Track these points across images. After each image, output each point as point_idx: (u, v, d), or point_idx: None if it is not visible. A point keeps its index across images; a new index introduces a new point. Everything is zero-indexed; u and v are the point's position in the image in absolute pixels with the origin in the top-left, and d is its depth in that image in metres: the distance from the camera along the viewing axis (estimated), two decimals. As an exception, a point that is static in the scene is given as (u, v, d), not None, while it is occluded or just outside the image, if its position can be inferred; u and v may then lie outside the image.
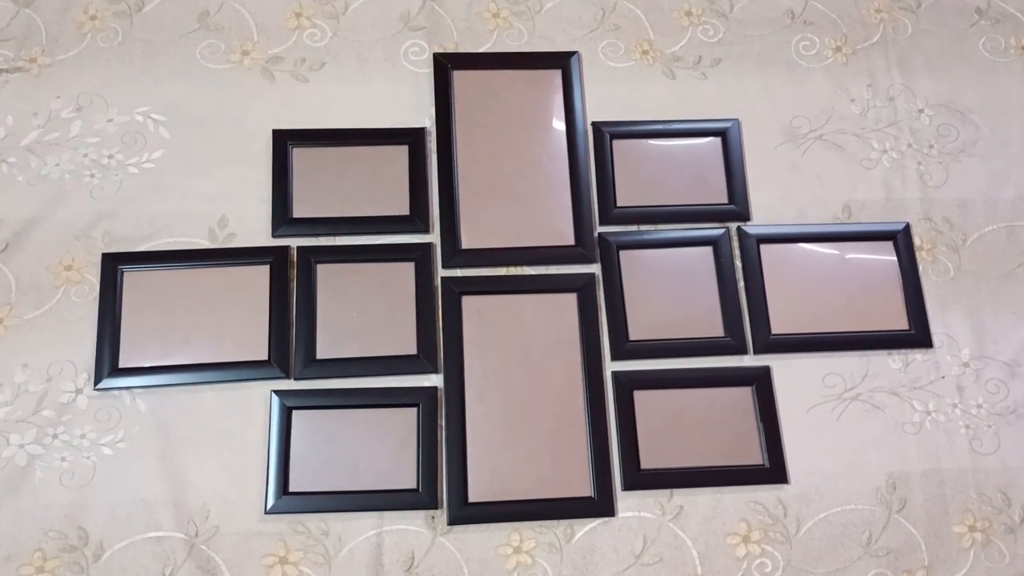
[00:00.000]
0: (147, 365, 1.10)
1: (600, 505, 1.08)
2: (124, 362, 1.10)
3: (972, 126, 1.31)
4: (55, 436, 1.07)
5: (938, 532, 1.10)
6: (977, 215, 1.26)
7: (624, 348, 1.15)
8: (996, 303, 1.21)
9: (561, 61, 1.28)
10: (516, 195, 1.21)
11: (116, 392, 1.09)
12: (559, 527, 1.08)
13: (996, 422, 1.16)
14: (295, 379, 1.11)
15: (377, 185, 1.20)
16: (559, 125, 1.25)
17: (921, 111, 1.31)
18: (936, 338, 1.19)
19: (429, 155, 1.23)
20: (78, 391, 1.09)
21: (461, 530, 1.07)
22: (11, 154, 1.18)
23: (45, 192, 1.17)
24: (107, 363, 1.09)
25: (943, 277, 1.22)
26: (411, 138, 1.22)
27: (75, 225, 1.16)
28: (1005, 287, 1.22)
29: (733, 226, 1.22)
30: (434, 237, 1.19)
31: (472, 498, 1.07)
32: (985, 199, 1.27)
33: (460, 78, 1.26)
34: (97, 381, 1.08)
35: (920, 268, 1.22)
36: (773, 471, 1.11)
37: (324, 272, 1.16)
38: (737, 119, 1.27)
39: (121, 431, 1.08)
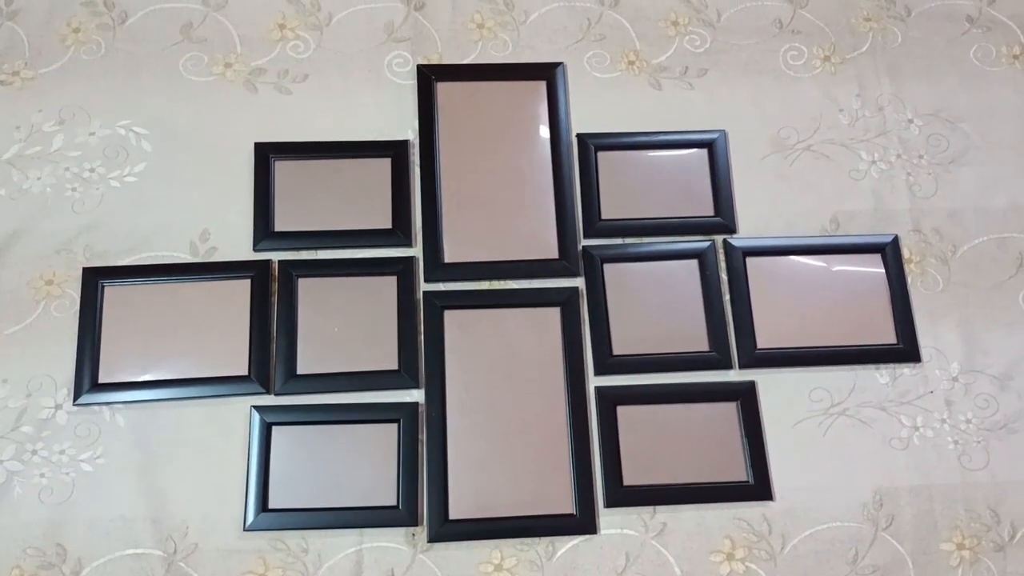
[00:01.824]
0: (127, 380, 1.09)
1: (582, 522, 1.07)
2: (104, 377, 1.09)
3: (963, 135, 1.29)
4: (34, 452, 1.07)
5: (926, 549, 1.09)
6: (967, 226, 1.24)
7: (608, 363, 1.14)
8: (986, 316, 1.20)
9: (546, 72, 1.27)
10: (499, 208, 1.20)
11: (96, 407, 1.09)
12: (541, 544, 1.07)
13: (986, 437, 1.14)
14: (275, 394, 1.10)
15: (359, 198, 1.19)
16: (544, 136, 1.24)
17: (911, 121, 1.29)
18: (925, 352, 1.17)
19: (412, 168, 1.22)
20: (57, 407, 1.09)
21: (442, 547, 1.06)
22: (-7, 168, 1.18)
23: (27, 206, 1.17)
24: (87, 378, 1.09)
25: (932, 290, 1.21)
26: (394, 151, 1.21)
27: (56, 239, 1.16)
28: (995, 299, 1.21)
29: (719, 239, 1.21)
30: (416, 251, 1.18)
31: (453, 515, 1.06)
32: (976, 209, 1.25)
33: (444, 89, 1.25)
34: (76, 396, 1.08)
35: (909, 281, 1.20)
36: (758, 487, 1.10)
37: (305, 286, 1.15)
38: (724, 130, 1.26)
39: (100, 447, 1.07)
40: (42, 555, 1.03)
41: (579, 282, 1.18)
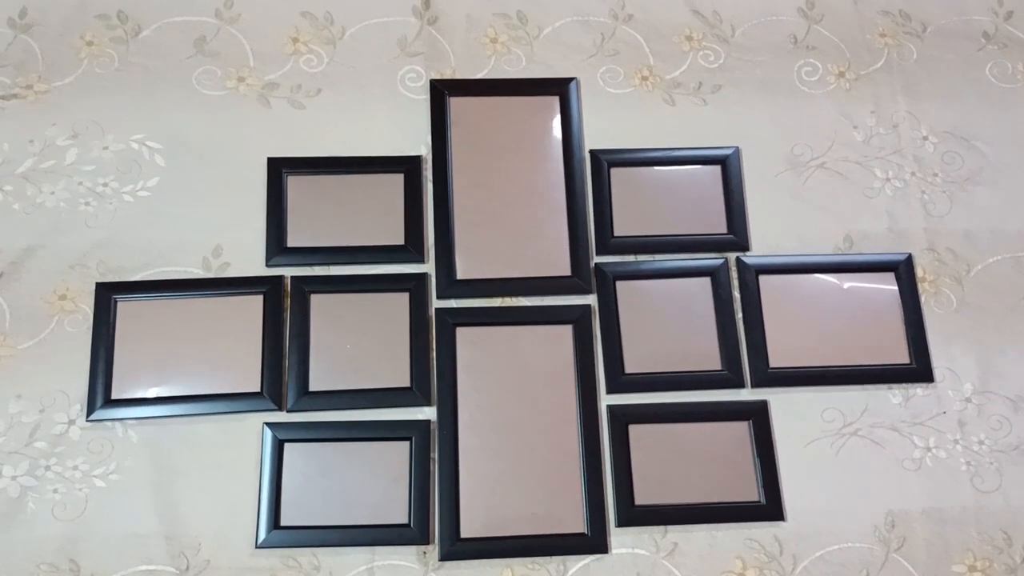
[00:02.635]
0: (140, 396, 1.10)
1: (593, 541, 1.07)
2: (117, 393, 1.10)
3: (978, 154, 1.28)
4: (48, 467, 1.07)
5: (937, 571, 1.09)
6: (982, 245, 1.24)
7: (620, 381, 1.14)
8: (1001, 336, 1.19)
9: (559, 87, 1.27)
10: (512, 224, 1.20)
11: (109, 423, 1.09)
12: (552, 563, 1.07)
13: (999, 459, 1.14)
14: (287, 411, 1.10)
15: (372, 214, 1.19)
16: (557, 152, 1.24)
17: (926, 138, 1.29)
18: (938, 372, 1.17)
19: (425, 183, 1.22)
20: (71, 422, 1.09)
21: (453, 566, 1.06)
22: (7, 182, 1.18)
23: (41, 220, 1.17)
24: (100, 394, 1.09)
25: (946, 309, 1.20)
26: (407, 166, 1.21)
27: (70, 254, 1.16)
28: (1010, 320, 1.20)
29: (732, 256, 1.21)
30: (429, 267, 1.18)
31: (464, 533, 1.07)
32: (991, 229, 1.25)
33: (457, 104, 1.25)
34: (90, 412, 1.08)
35: (922, 300, 1.20)
36: (769, 508, 1.10)
37: (318, 302, 1.15)
38: (737, 147, 1.26)
39: (113, 463, 1.08)
40: (56, 571, 1.03)
41: (591, 299, 1.18)
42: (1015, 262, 1.23)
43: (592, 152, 1.24)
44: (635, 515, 1.09)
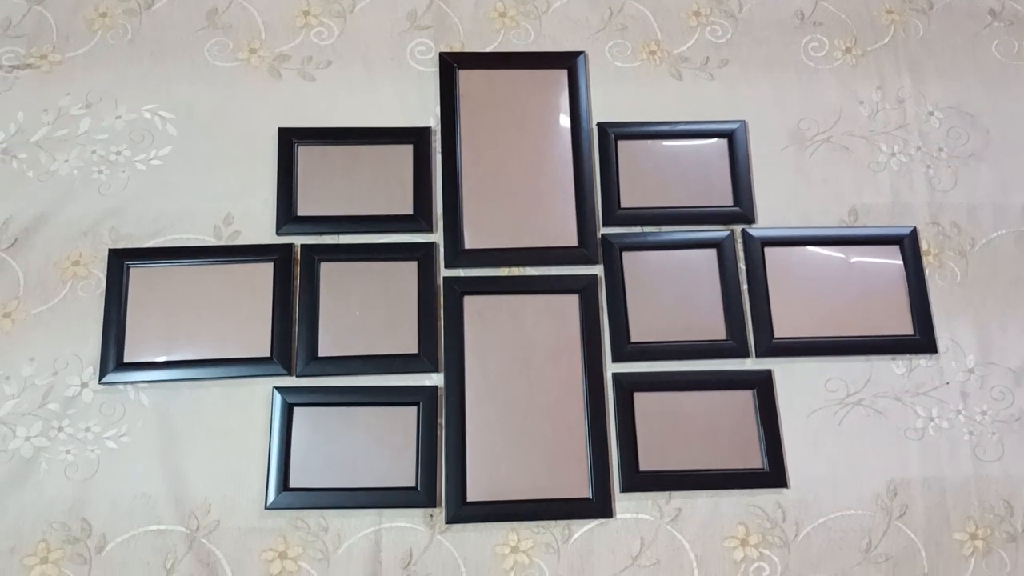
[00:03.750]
0: (151, 360, 1.11)
1: (598, 506, 1.08)
2: (129, 357, 1.11)
3: (983, 130, 1.29)
4: (60, 429, 1.09)
5: (938, 539, 1.10)
6: (986, 220, 1.24)
7: (625, 350, 1.15)
8: (1004, 310, 1.20)
9: (567, 61, 1.28)
10: (520, 195, 1.21)
11: (120, 386, 1.11)
12: (557, 527, 1.08)
13: (1000, 430, 1.15)
14: (297, 376, 1.12)
15: (381, 184, 1.21)
16: (564, 125, 1.25)
17: (931, 114, 1.30)
18: (941, 344, 1.18)
19: (434, 154, 1.23)
20: (83, 385, 1.10)
21: (459, 529, 1.07)
22: (21, 150, 1.20)
23: (54, 188, 1.19)
24: (112, 358, 1.11)
25: (950, 282, 1.21)
26: (416, 137, 1.23)
27: (83, 221, 1.17)
28: (1013, 293, 1.21)
29: (738, 229, 1.22)
30: (437, 237, 1.19)
31: (471, 497, 1.08)
32: (994, 204, 1.25)
33: (466, 78, 1.26)
34: (102, 375, 1.10)
35: (927, 273, 1.21)
36: (773, 475, 1.11)
37: (327, 270, 1.16)
38: (744, 121, 1.27)
39: (125, 425, 1.09)
40: (67, 530, 1.05)
41: (598, 270, 1.19)
42: (1018, 236, 1.24)
43: (599, 125, 1.25)
44: (639, 481, 1.10)
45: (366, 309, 1.15)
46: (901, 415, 1.15)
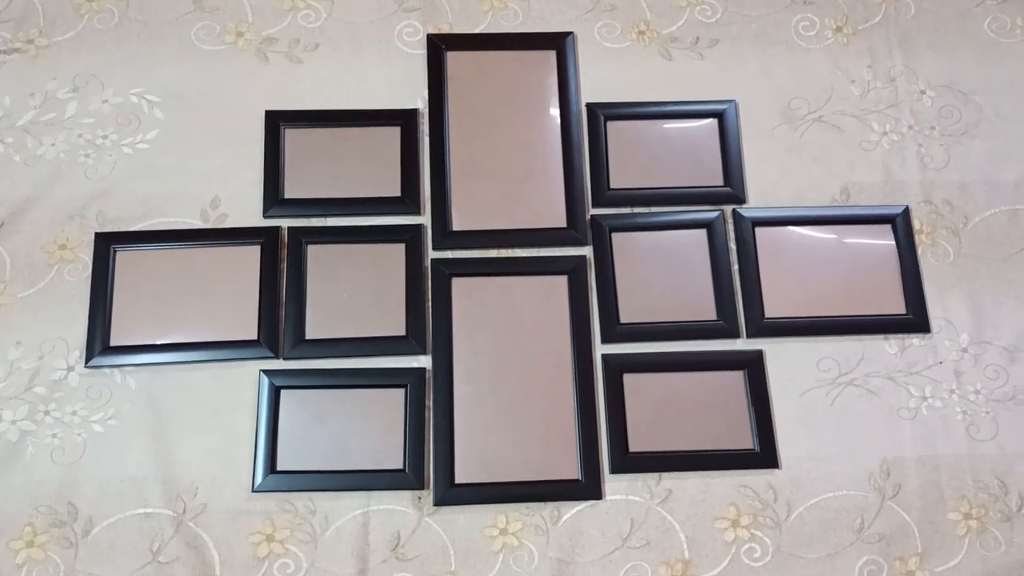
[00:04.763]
0: (138, 343, 1.11)
1: (588, 488, 1.07)
2: (115, 340, 1.11)
3: (975, 108, 1.28)
4: (47, 413, 1.08)
5: (932, 519, 1.09)
6: (978, 198, 1.23)
7: (615, 331, 1.14)
8: (996, 287, 1.19)
9: (556, 42, 1.27)
10: (508, 177, 1.21)
11: (107, 370, 1.10)
12: (546, 509, 1.07)
13: (994, 408, 1.14)
14: (284, 359, 1.11)
15: (369, 166, 1.20)
16: (553, 106, 1.24)
17: (923, 92, 1.29)
18: (934, 323, 1.17)
19: (421, 136, 1.22)
20: (70, 368, 1.10)
21: (447, 511, 1.07)
22: (8, 134, 1.20)
23: (41, 172, 1.18)
24: (99, 341, 1.10)
25: (942, 261, 1.20)
26: (404, 119, 1.22)
27: (70, 205, 1.17)
28: (1006, 271, 1.20)
29: (728, 209, 1.21)
30: (425, 218, 1.19)
31: (459, 479, 1.07)
32: (987, 182, 1.24)
33: (454, 59, 1.26)
34: (88, 359, 1.09)
35: (919, 252, 1.20)
36: (764, 456, 1.10)
37: (314, 253, 1.16)
38: (734, 100, 1.26)
39: (111, 408, 1.09)
40: (54, 513, 1.04)
41: (587, 251, 1.18)
42: (1011, 214, 1.23)
43: (589, 106, 1.24)
44: (629, 462, 1.09)
45: (353, 291, 1.14)
46: (894, 394, 1.14)
